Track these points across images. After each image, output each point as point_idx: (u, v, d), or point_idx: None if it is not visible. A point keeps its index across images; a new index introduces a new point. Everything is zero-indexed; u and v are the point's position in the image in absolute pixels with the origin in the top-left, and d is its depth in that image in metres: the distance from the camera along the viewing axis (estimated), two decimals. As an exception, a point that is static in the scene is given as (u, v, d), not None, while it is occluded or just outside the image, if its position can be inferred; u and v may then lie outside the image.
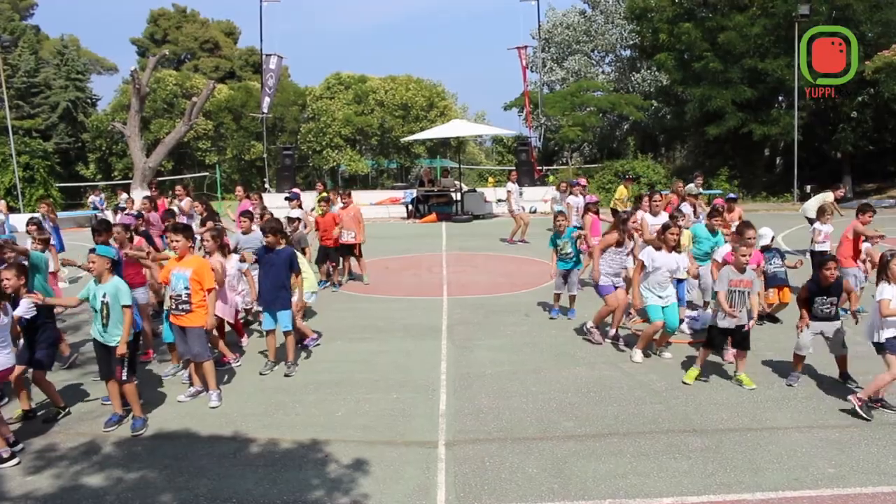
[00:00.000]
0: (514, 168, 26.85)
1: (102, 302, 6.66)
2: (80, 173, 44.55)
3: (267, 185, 32.78)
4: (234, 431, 6.57)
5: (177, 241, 7.38)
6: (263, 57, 33.22)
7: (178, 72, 49.01)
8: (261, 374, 8.32)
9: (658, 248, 8.50)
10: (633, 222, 9.62)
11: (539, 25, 37.68)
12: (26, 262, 7.74)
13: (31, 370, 7.02)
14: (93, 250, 6.81)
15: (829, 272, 7.36)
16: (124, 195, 24.90)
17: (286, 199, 14.38)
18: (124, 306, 6.68)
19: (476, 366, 8.43)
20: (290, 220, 12.04)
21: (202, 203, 11.85)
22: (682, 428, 6.45)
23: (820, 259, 7.77)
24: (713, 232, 10.09)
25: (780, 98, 34.08)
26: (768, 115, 32.04)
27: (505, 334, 9.88)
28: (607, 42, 40.44)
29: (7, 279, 6.70)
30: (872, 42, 29.40)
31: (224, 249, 8.96)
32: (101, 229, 8.62)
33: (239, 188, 16.85)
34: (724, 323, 7.51)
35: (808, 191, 30.54)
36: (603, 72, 42.02)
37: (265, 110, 33.53)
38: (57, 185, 34.61)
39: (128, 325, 6.68)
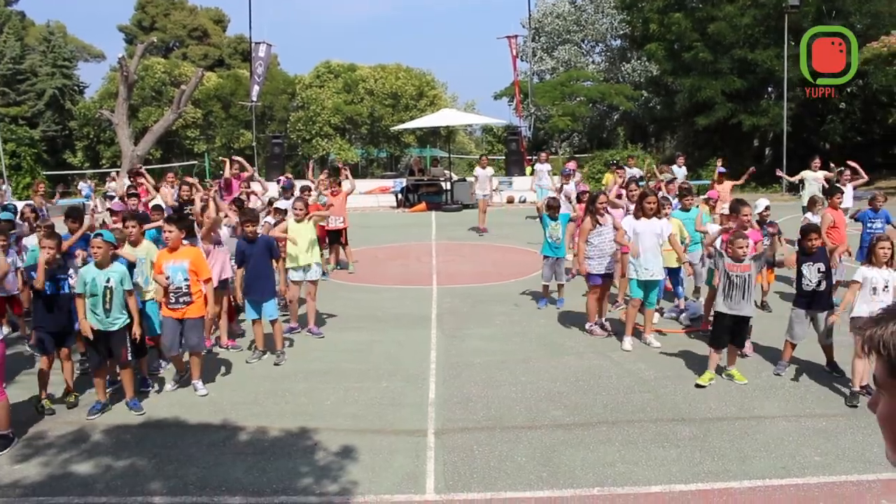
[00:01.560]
0: (482, 154, 26.85)
1: (106, 287, 6.64)
2: (67, 161, 44.24)
3: (256, 174, 32.62)
4: (223, 420, 6.56)
5: (170, 231, 7.35)
6: (252, 45, 33.01)
7: (166, 59, 48.67)
8: (247, 362, 8.31)
9: (637, 218, 8.56)
10: (603, 203, 9.53)
11: (529, 15, 37.61)
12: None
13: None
14: (98, 235, 6.79)
15: (810, 243, 7.41)
16: (113, 183, 24.76)
17: (283, 188, 14.19)
18: (128, 291, 6.74)
19: (465, 355, 8.45)
20: (278, 210, 11.86)
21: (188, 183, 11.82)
22: (671, 417, 6.49)
23: (802, 228, 7.80)
24: (686, 210, 10.17)
25: (770, 89, 34.15)
26: (758, 105, 32.10)
27: (494, 323, 9.90)
28: (597, 32, 40.40)
29: (50, 248, 6.74)
30: (862, 33, 29.47)
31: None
32: (75, 216, 8.48)
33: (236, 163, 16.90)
34: (723, 307, 7.25)
35: (797, 182, 30.69)
36: (593, 62, 42.02)
37: (254, 99, 33.35)
38: (44, 172, 34.36)
39: (134, 306, 6.79)
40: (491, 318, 10.16)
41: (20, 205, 13.54)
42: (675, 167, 19.87)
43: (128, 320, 6.80)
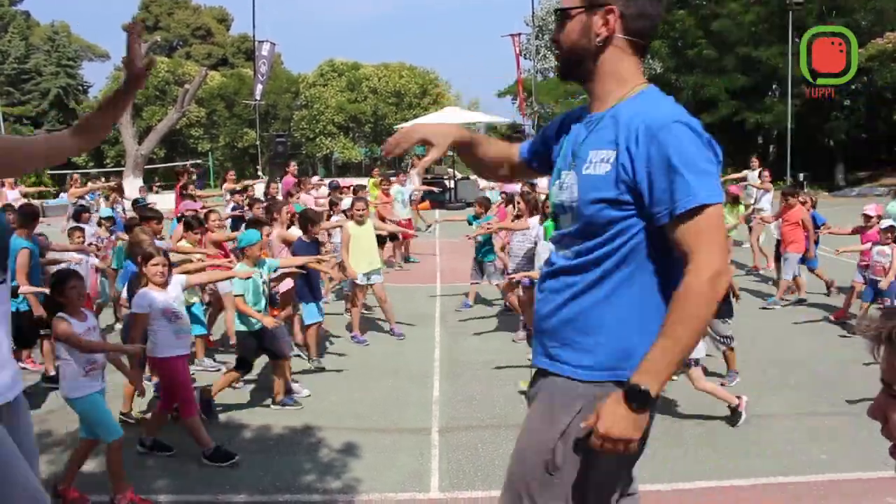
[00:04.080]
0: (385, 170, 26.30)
1: (264, 282, 6.62)
2: (71, 161, 44.36)
3: (260, 173, 32.66)
4: (226, 418, 6.56)
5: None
6: (256, 43, 33.01)
7: (170, 59, 48.84)
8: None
9: (542, 223, 8.36)
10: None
11: (533, 12, 37.60)
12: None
13: None
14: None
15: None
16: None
17: (332, 188, 14.06)
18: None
19: (469, 353, 8.44)
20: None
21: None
22: (676, 415, 6.47)
23: None
24: None
25: (774, 86, 34.11)
26: (762, 103, 32.06)
27: (498, 321, 9.88)
28: (601, 29, 40.36)
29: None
30: (866, 30, 29.42)
31: None
32: (156, 217, 8.43)
33: (293, 165, 16.83)
34: None
35: (802, 179, 30.60)
36: (596, 60, 41.98)
37: (257, 97, 33.37)
38: (49, 172, 34.44)
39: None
40: (495, 316, 10.14)
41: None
42: None
43: None
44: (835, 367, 7.69)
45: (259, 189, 16.20)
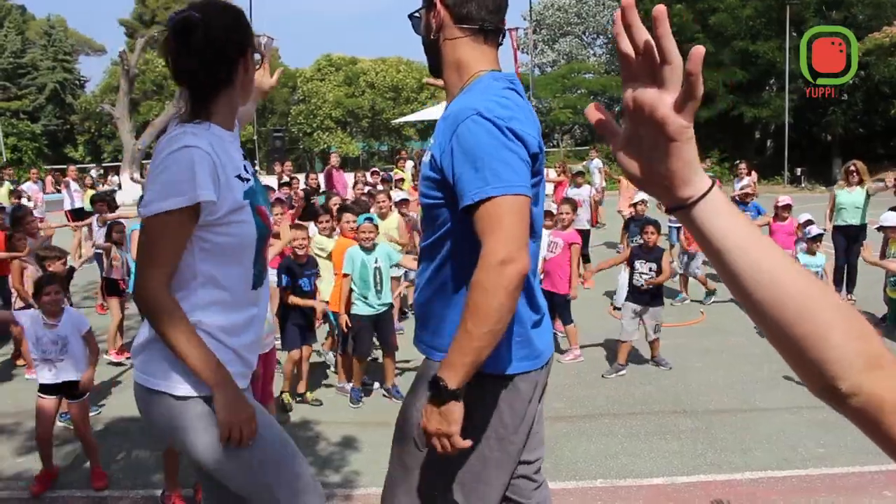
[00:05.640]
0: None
1: (376, 268, 6.60)
2: (68, 155, 44.27)
3: (257, 167, 32.64)
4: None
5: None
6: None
7: (166, 53, 48.66)
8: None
9: None
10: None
11: (530, 7, 37.53)
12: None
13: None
14: (369, 219, 6.73)
15: (647, 236, 7.34)
16: (116, 177, 24.81)
17: (385, 180, 13.76)
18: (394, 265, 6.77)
19: (467, 347, 8.40)
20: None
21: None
22: (673, 409, 6.49)
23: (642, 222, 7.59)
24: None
25: (772, 81, 34.12)
26: (759, 97, 32.04)
27: (496, 316, 9.86)
28: (598, 24, 40.33)
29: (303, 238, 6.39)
30: (864, 25, 29.42)
31: None
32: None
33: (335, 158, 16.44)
34: None
35: (799, 173, 30.66)
36: (594, 54, 41.98)
37: (255, 92, 33.30)
38: (45, 167, 34.40)
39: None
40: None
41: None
42: (587, 161, 20.12)
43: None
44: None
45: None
